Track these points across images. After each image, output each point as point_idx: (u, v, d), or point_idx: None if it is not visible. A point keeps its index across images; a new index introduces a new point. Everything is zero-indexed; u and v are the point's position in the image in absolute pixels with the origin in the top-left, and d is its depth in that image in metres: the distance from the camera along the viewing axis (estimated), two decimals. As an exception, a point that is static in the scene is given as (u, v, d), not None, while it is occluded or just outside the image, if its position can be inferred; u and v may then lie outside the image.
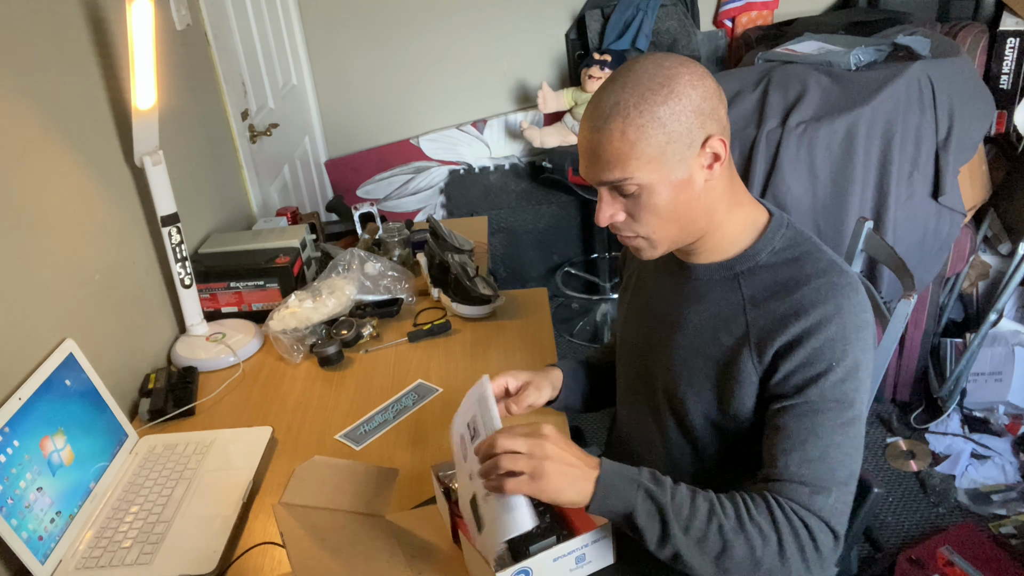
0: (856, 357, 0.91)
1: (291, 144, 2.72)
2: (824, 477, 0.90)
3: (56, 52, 1.35)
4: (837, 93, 2.02)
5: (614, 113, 0.89)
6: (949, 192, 2.03)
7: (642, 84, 0.88)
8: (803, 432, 0.91)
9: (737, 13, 2.82)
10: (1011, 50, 2.28)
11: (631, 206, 0.94)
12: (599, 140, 0.90)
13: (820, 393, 0.91)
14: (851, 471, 0.92)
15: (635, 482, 0.89)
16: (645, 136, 0.88)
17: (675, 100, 0.88)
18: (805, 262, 0.97)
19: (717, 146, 0.91)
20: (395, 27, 2.94)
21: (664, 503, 0.88)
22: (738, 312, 0.98)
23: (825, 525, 0.89)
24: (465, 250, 1.73)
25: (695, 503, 0.88)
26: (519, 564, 0.91)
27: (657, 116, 0.88)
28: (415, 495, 1.18)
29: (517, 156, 3.11)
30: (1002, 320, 2.32)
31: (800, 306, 0.93)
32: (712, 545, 0.87)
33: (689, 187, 0.92)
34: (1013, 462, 2.17)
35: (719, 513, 0.88)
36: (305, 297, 1.61)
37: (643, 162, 0.89)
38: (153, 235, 1.62)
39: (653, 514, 0.88)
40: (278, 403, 1.45)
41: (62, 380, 1.22)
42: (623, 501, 0.88)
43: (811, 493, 0.89)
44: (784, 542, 0.87)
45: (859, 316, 0.93)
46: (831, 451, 0.90)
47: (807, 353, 0.91)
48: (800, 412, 0.91)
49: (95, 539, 1.14)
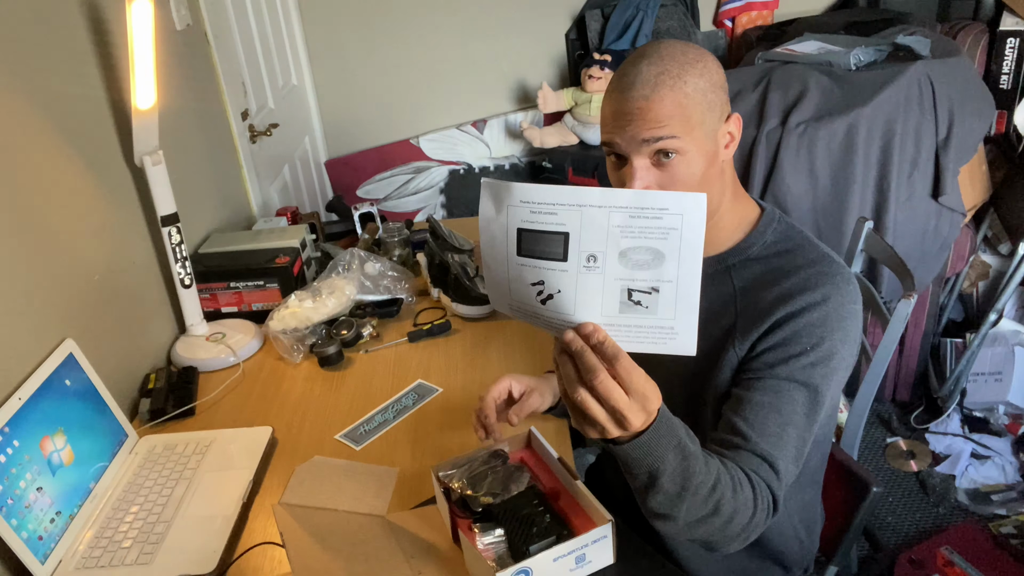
0: (833, 346, 0.92)
1: (291, 144, 2.72)
2: (779, 454, 0.90)
3: (56, 52, 1.35)
4: (837, 93, 2.02)
5: (662, 81, 0.91)
6: (949, 192, 2.03)
7: (678, 59, 0.92)
8: (766, 405, 0.91)
9: (737, 13, 2.82)
10: (1011, 50, 2.28)
11: (665, 179, 0.95)
12: (646, 104, 0.91)
13: (788, 372, 0.92)
14: (800, 452, 0.92)
15: (677, 437, 0.80)
16: (693, 101, 0.91)
17: (709, 75, 0.93)
18: (797, 253, 0.99)
19: (734, 125, 0.97)
20: (395, 27, 2.94)
21: (691, 468, 0.80)
22: (728, 303, 0.99)
23: (775, 501, 0.89)
24: (465, 250, 1.73)
25: (708, 470, 0.83)
26: (519, 564, 0.91)
27: (699, 86, 0.92)
28: (415, 495, 1.18)
29: (517, 156, 3.11)
30: (1002, 320, 2.32)
31: (788, 292, 0.94)
32: (706, 507, 0.83)
33: (714, 161, 0.95)
34: (1013, 462, 2.17)
35: (722, 479, 0.84)
36: (305, 297, 1.61)
37: (689, 126, 0.92)
38: (153, 235, 1.62)
39: (678, 476, 0.81)
40: (278, 403, 1.45)
41: (62, 380, 1.22)
42: (657, 458, 0.79)
43: (771, 470, 0.89)
44: (756, 512, 0.86)
45: (845, 307, 0.93)
46: (788, 429, 0.91)
47: (785, 334, 0.93)
48: (766, 386, 0.92)
49: (95, 539, 1.14)
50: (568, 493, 1.06)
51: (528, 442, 1.16)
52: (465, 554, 1.02)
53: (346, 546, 1.06)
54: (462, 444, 1.29)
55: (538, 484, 1.08)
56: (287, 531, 1.06)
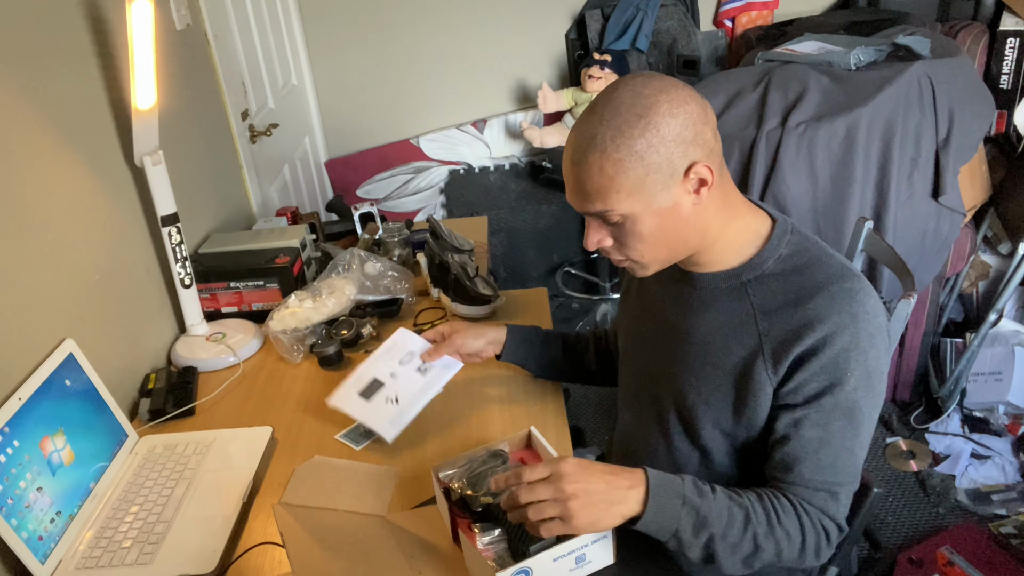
0: (869, 365, 0.92)
1: (291, 144, 2.72)
2: (836, 481, 0.94)
3: (56, 52, 1.35)
4: (837, 93, 2.02)
5: (591, 147, 0.88)
6: (949, 192, 2.03)
7: (620, 116, 0.87)
8: (816, 441, 0.94)
9: (737, 13, 2.82)
10: (1011, 50, 2.28)
11: (617, 233, 0.95)
12: (578, 173, 0.90)
13: (834, 403, 0.92)
14: (856, 470, 0.96)
15: (680, 496, 0.91)
16: (623, 170, 0.87)
17: (653, 131, 0.86)
18: (816, 268, 0.96)
19: (702, 172, 0.90)
20: (395, 27, 2.94)
21: (709, 517, 0.90)
22: (748, 322, 0.97)
23: (836, 524, 0.96)
24: (465, 250, 1.73)
25: (732, 512, 0.92)
26: (519, 564, 0.91)
27: (634, 149, 0.86)
28: (415, 495, 1.18)
29: (517, 156, 3.11)
30: (1002, 320, 2.32)
31: (815, 315, 0.92)
32: (744, 548, 0.92)
33: (675, 213, 0.92)
34: (1013, 462, 2.17)
35: (753, 521, 0.92)
36: (305, 297, 1.61)
37: (623, 195, 0.89)
38: (153, 235, 1.62)
39: (699, 529, 0.90)
40: (278, 403, 1.45)
41: (62, 380, 1.22)
42: (670, 518, 0.90)
43: (826, 498, 0.94)
44: (806, 543, 0.94)
45: (872, 322, 0.93)
46: (842, 456, 0.94)
47: (822, 363, 0.92)
48: (814, 422, 0.93)
49: (95, 539, 1.14)
50: (568, 493, 1.06)
51: (528, 442, 1.16)
52: (465, 554, 1.02)
53: (346, 546, 1.06)
54: (462, 444, 1.29)
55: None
56: (287, 531, 1.06)
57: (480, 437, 1.30)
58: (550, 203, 3.14)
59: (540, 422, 1.31)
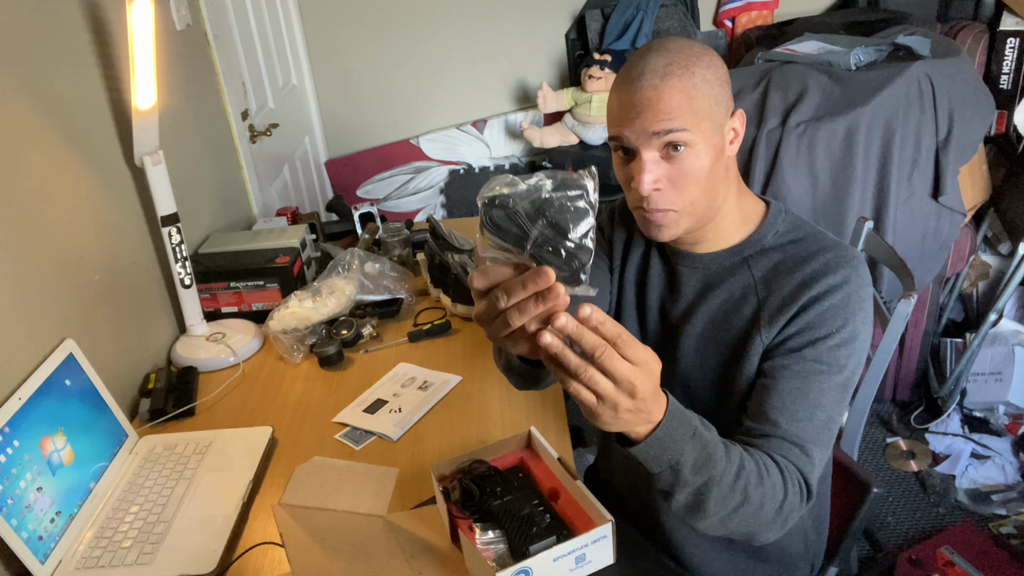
0: (856, 327, 0.94)
1: (291, 144, 2.72)
2: (808, 439, 0.92)
3: (56, 52, 1.35)
4: (837, 93, 2.02)
5: (670, 72, 0.91)
6: (949, 192, 2.03)
7: (684, 53, 0.92)
8: (794, 391, 0.93)
9: (737, 13, 2.82)
10: (1011, 50, 2.28)
11: (674, 172, 0.94)
12: (657, 96, 0.91)
13: (815, 355, 0.93)
14: (831, 435, 0.95)
15: (691, 427, 0.81)
16: (702, 93, 0.91)
17: (715, 68, 0.93)
18: (811, 240, 1.01)
19: (739, 121, 0.97)
20: (395, 27, 2.94)
21: (712, 455, 0.82)
22: (749, 293, 1.00)
23: (808, 487, 0.91)
24: (465, 250, 1.73)
25: (730, 457, 0.84)
26: (519, 564, 0.91)
27: (707, 78, 0.92)
28: (415, 495, 1.18)
29: (517, 156, 3.11)
30: (1002, 320, 2.32)
31: (810, 276, 0.96)
32: (734, 498, 0.85)
33: (720, 156, 0.96)
34: (1013, 462, 2.17)
35: (747, 469, 0.85)
36: (305, 297, 1.61)
37: (699, 118, 0.92)
38: (153, 235, 1.62)
39: (700, 466, 0.82)
40: (278, 403, 1.45)
41: (62, 380, 1.22)
42: (676, 448, 0.80)
43: (801, 455, 0.91)
44: (787, 500, 0.88)
45: (864, 289, 0.96)
46: (817, 413, 0.93)
47: (810, 318, 0.94)
48: (793, 372, 0.94)
49: (95, 539, 1.14)
50: (568, 493, 1.06)
51: (528, 442, 1.16)
52: (465, 554, 1.02)
53: (346, 546, 1.06)
54: (462, 444, 1.29)
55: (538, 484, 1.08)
56: (287, 532, 1.06)
57: (480, 437, 1.30)
58: (550, 203, 3.14)
59: (540, 422, 1.31)
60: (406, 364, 1.52)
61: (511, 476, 1.09)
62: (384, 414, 1.37)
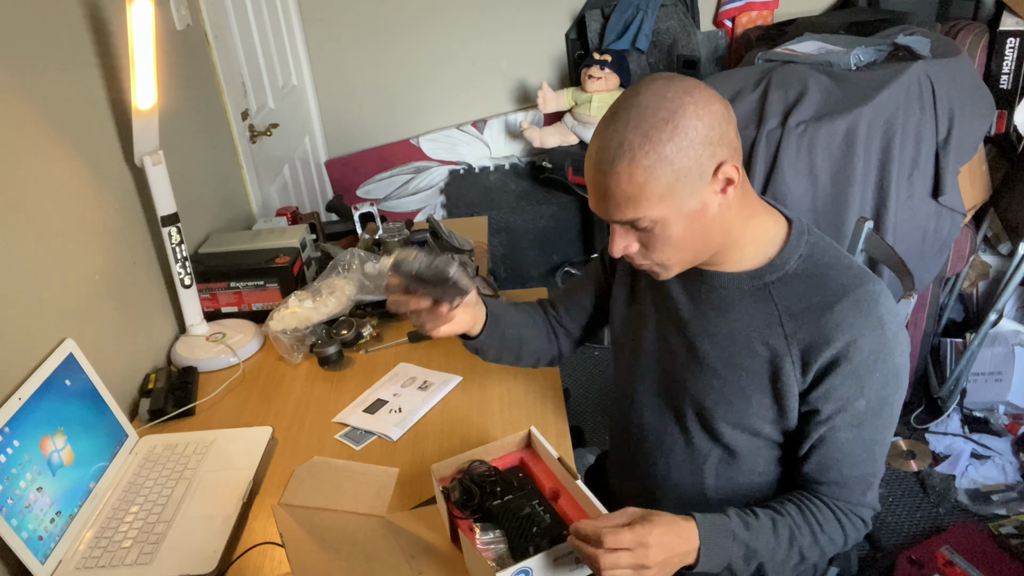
0: (896, 363, 0.95)
1: (291, 144, 2.72)
2: (870, 473, 0.99)
3: (56, 52, 1.35)
4: (837, 93, 2.02)
5: (619, 155, 0.86)
6: (949, 192, 2.03)
7: (646, 121, 0.85)
8: (851, 442, 0.97)
9: (737, 13, 2.82)
10: (1011, 50, 2.28)
11: (644, 238, 0.93)
12: (606, 182, 0.88)
13: (865, 404, 0.95)
14: (885, 454, 1.01)
15: (731, 534, 0.93)
16: (653, 176, 0.86)
17: (681, 135, 0.85)
18: (838, 271, 0.96)
19: (730, 172, 0.89)
20: (395, 27, 2.94)
21: (758, 548, 0.94)
22: (774, 322, 0.97)
23: (872, 510, 1.02)
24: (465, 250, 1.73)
25: (778, 535, 0.96)
26: (519, 564, 0.91)
27: (664, 155, 0.85)
28: (415, 495, 1.18)
29: (517, 156, 3.11)
30: (1002, 320, 2.32)
31: (843, 320, 0.92)
32: (792, 560, 0.97)
33: (704, 215, 0.91)
34: (1013, 462, 2.17)
35: (797, 536, 0.97)
36: (305, 297, 1.61)
37: (654, 201, 0.87)
38: (153, 235, 1.62)
39: (749, 558, 0.94)
40: (278, 403, 1.45)
41: (62, 380, 1.22)
42: (723, 557, 0.93)
43: (863, 492, 1.00)
44: (847, 536, 1.00)
45: (895, 321, 0.95)
46: (875, 448, 0.98)
47: (852, 367, 0.93)
48: (847, 424, 0.96)
49: (95, 539, 1.14)
50: (568, 493, 1.06)
51: (528, 442, 1.16)
52: (465, 554, 1.02)
53: (346, 546, 1.06)
54: (462, 444, 1.29)
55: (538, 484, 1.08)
56: (287, 532, 1.06)
57: (480, 437, 1.30)
58: (550, 203, 3.14)
59: (540, 422, 1.31)
60: (406, 364, 1.52)
61: (511, 476, 1.09)
62: (384, 414, 1.37)
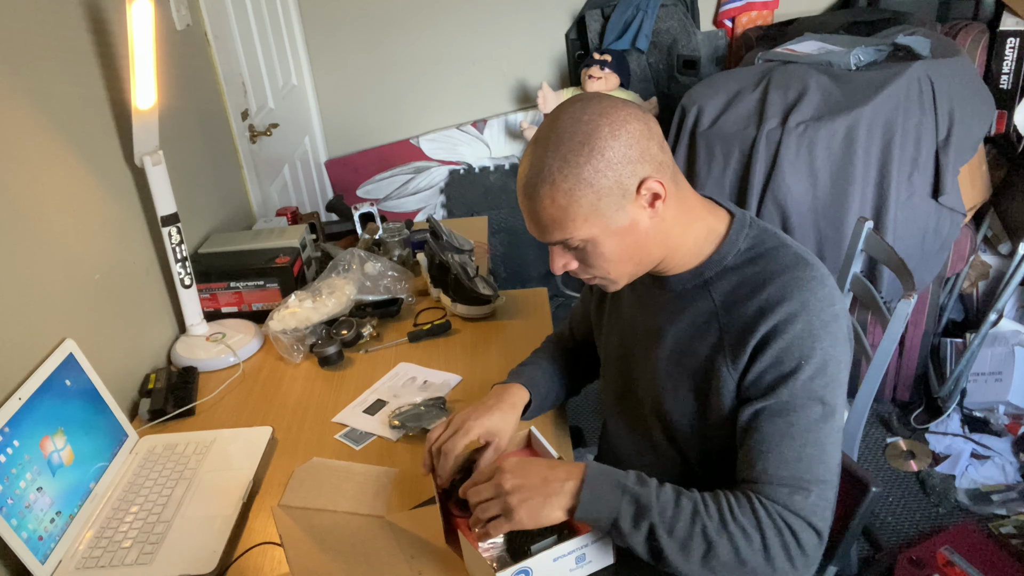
0: (826, 353, 0.91)
1: (291, 144, 2.72)
2: (802, 476, 0.89)
3: (56, 52, 1.35)
4: (837, 93, 2.02)
5: (540, 180, 0.89)
6: (949, 192, 2.03)
7: (564, 145, 0.88)
8: (777, 434, 0.90)
9: (737, 13, 2.82)
10: (1011, 50, 2.28)
11: (580, 255, 0.95)
12: (532, 207, 0.91)
13: (791, 392, 0.90)
14: (829, 467, 0.91)
15: (621, 486, 0.90)
16: (575, 199, 0.88)
17: (598, 156, 0.87)
18: (769, 259, 0.96)
19: (654, 187, 0.90)
20: (395, 27, 2.94)
21: (649, 505, 0.89)
22: (711, 319, 0.98)
23: (807, 524, 0.89)
24: (465, 250, 1.73)
25: (679, 504, 0.89)
26: (519, 564, 0.91)
27: (582, 177, 0.87)
28: (415, 495, 1.18)
29: (517, 156, 3.11)
30: (1002, 320, 2.32)
31: (766, 304, 0.92)
32: (696, 546, 0.88)
33: (634, 230, 0.92)
34: (1013, 462, 2.17)
35: (702, 513, 0.89)
36: (305, 297, 1.61)
37: (579, 222, 0.90)
38: (153, 235, 1.62)
39: (639, 518, 0.89)
40: (278, 403, 1.45)
41: (62, 380, 1.22)
42: (608, 507, 0.90)
43: (790, 493, 0.89)
44: (768, 542, 0.87)
45: (826, 310, 0.91)
46: (807, 450, 0.90)
47: (775, 352, 0.91)
48: (772, 412, 0.91)
49: (95, 539, 1.14)
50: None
51: (528, 442, 1.16)
52: (465, 554, 1.02)
53: (346, 547, 1.06)
54: (462, 444, 1.29)
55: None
56: (286, 533, 1.06)
57: (480, 437, 1.30)
58: (550, 203, 3.14)
59: (540, 422, 1.31)
60: (406, 364, 1.52)
61: (511, 476, 1.08)
62: (384, 414, 1.37)
